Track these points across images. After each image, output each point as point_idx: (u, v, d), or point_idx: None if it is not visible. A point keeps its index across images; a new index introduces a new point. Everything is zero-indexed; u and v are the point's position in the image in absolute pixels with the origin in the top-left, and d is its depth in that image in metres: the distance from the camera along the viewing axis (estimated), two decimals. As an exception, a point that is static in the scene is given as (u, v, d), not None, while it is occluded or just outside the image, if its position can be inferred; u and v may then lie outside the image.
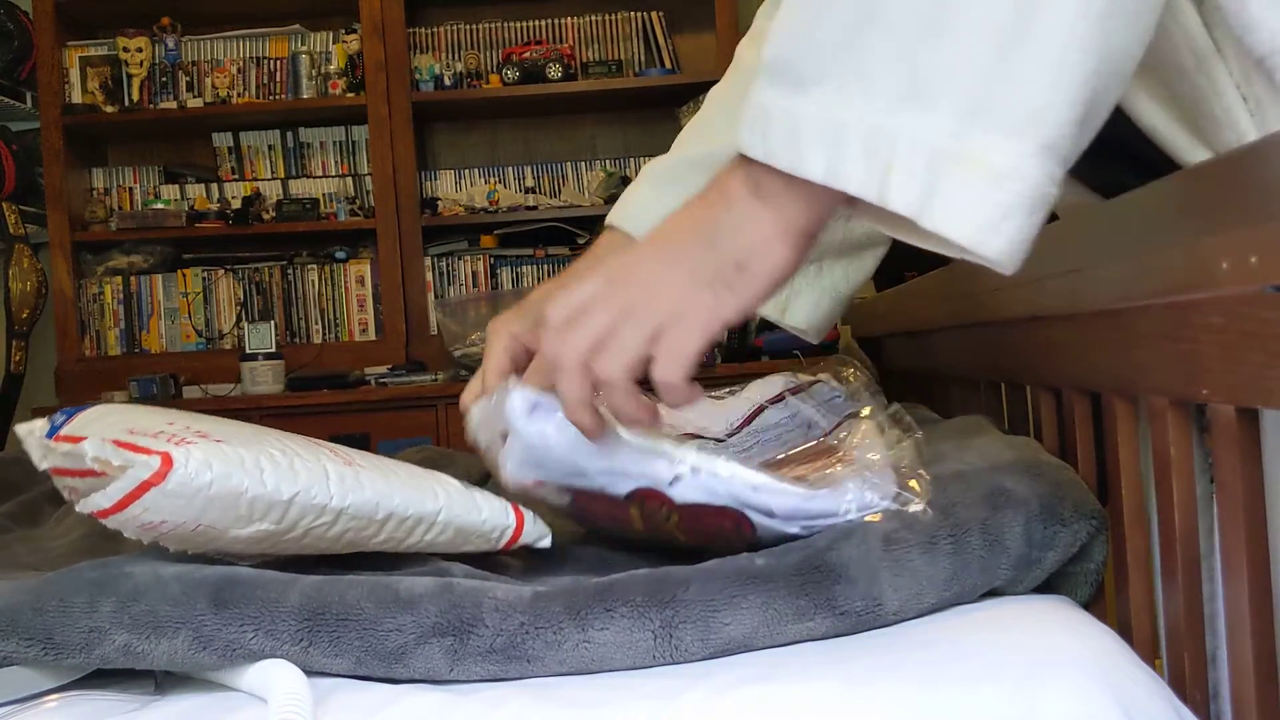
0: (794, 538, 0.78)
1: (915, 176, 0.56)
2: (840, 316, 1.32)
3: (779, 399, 1.18)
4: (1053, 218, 0.88)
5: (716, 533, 0.81)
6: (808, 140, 0.59)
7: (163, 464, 0.71)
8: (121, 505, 0.72)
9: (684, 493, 0.79)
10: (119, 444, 0.74)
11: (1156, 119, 0.72)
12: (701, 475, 0.79)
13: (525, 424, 0.78)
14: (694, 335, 0.64)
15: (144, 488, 0.71)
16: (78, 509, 0.78)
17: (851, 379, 1.22)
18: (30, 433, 0.88)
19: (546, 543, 0.94)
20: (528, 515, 0.92)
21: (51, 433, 0.85)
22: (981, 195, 0.55)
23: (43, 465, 0.86)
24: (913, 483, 0.79)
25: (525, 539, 0.91)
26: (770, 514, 0.78)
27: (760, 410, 1.16)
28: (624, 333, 0.65)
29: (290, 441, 0.83)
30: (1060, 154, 0.55)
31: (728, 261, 0.63)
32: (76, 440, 0.79)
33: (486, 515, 0.89)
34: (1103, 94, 0.55)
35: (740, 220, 0.62)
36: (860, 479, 0.79)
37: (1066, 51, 0.53)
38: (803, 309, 1.23)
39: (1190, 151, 0.72)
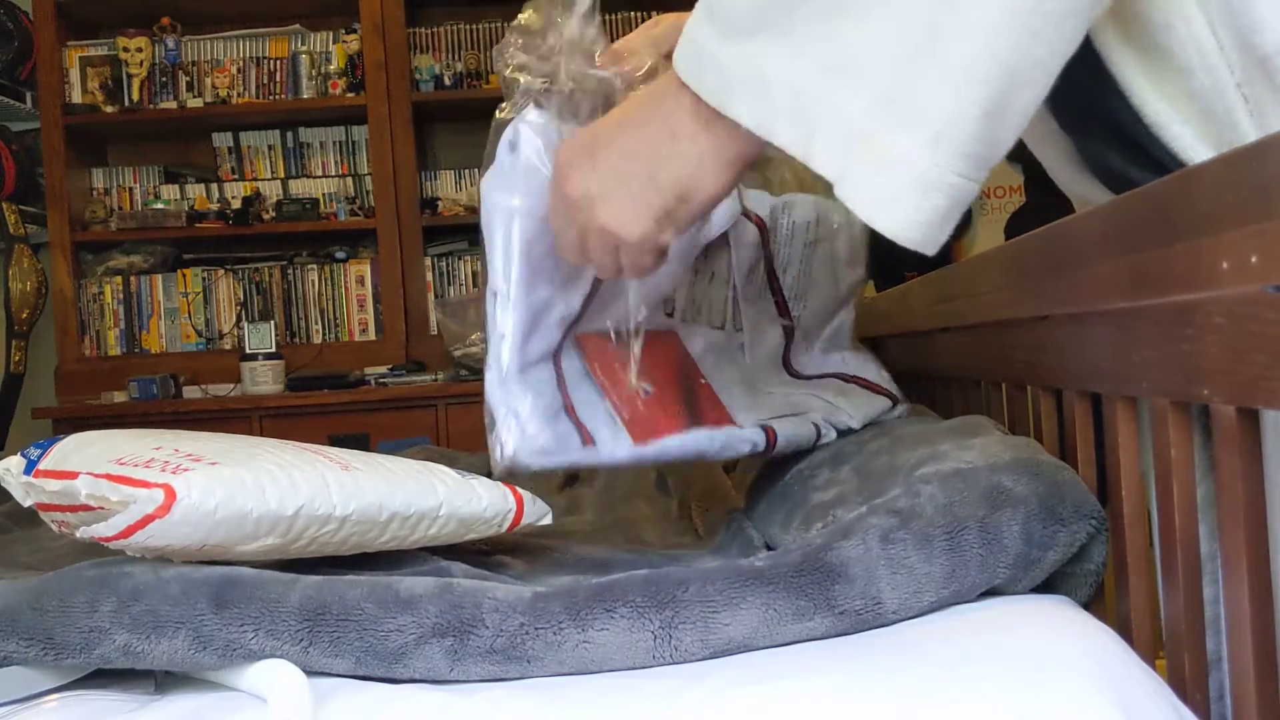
0: None
1: (835, 145, 0.63)
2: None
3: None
4: (1066, 212, 0.89)
5: None
6: (737, 87, 0.66)
7: (166, 497, 0.72)
8: (125, 534, 0.72)
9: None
10: (113, 478, 0.75)
11: (1162, 115, 0.73)
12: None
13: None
14: (646, 257, 0.76)
15: (147, 520, 0.72)
16: (78, 535, 0.78)
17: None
18: (8, 471, 0.87)
19: (548, 520, 0.94)
20: (526, 497, 0.92)
21: (29, 469, 0.85)
22: (876, 176, 0.62)
23: (27, 503, 0.86)
24: None
25: (526, 520, 0.92)
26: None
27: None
28: (593, 248, 0.77)
29: (283, 452, 0.83)
30: (960, 147, 0.61)
31: (671, 197, 0.72)
32: (63, 475, 0.79)
33: (488, 503, 0.89)
34: (1012, 96, 0.61)
35: (685, 150, 0.71)
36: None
37: (974, 60, 0.59)
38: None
39: (1193, 149, 0.72)
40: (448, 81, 3.37)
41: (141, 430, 0.91)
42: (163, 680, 0.75)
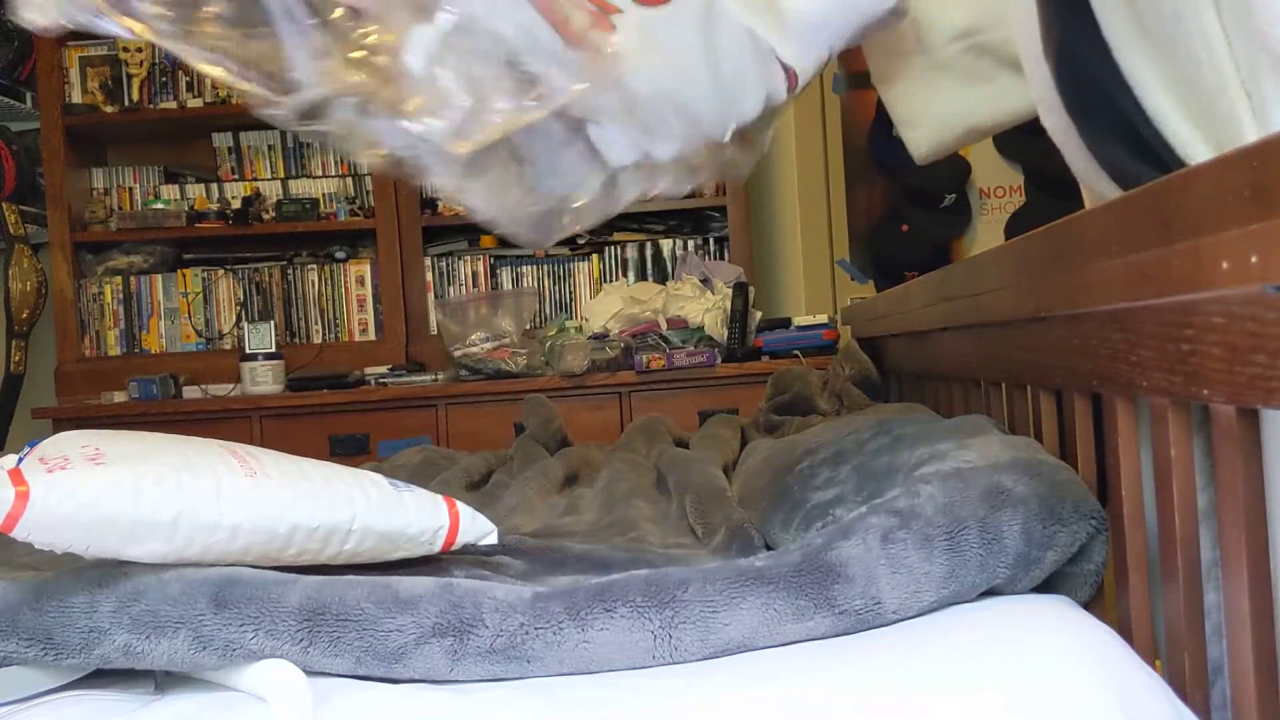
0: None
1: None
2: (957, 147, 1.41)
3: None
4: (1065, 213, 0.89)
5: None
6: None
7: (17, 500, 0.72)
8: (4, 530, 0.72)
9: None
10: (11, 474, 0.74)
11: (1163, 108, 0.73)
12: None
13: None
14: None
15: (13, 520, 0.72)
16: None
17: None
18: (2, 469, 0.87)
19: (492, 539, 0.90)
20: (465, 513, 0.88)
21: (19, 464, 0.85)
22: None
23: None
24: None
25: (464, 538, 0.88)
26: None
27: None
28: None
29: (199, 454, 0.81)
30: None
31: None
32: None
33: (413, 517, 0.85)
34: None
35: None
36: None
37: None
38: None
39: (1190, 145, 0.72)
40: (448, 81, 3.36)
41: (112, 431, 0.89)
42: (163, 680, 0.75)
